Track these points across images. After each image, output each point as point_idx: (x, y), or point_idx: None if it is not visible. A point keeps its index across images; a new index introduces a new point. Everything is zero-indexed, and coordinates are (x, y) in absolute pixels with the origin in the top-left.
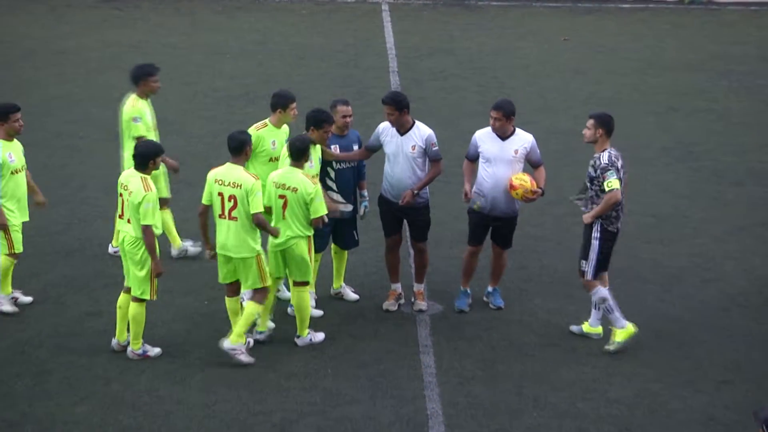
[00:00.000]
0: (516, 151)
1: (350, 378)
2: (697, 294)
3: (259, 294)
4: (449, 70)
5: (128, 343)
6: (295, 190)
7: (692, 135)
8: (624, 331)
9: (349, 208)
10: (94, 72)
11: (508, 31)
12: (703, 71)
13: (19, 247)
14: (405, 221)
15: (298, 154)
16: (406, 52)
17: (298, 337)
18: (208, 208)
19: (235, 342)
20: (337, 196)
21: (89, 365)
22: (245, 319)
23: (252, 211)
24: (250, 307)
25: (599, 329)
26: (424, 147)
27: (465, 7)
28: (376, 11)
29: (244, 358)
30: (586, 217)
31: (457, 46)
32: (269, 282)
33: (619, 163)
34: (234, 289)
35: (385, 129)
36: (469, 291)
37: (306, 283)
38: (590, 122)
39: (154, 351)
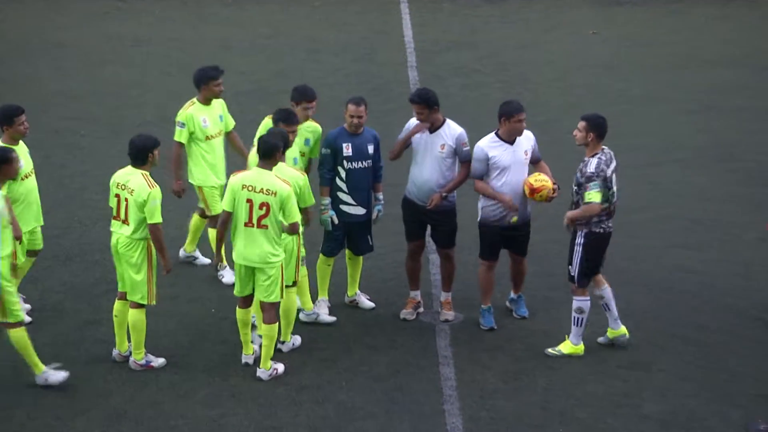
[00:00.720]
0: (526, 153)
1: (365, 391)
2: (733, 303)
3: (270, 312)
4: (471, 66)
5: (130, 353)
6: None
7: (730, 135)
8: (574, 348)
9: (333, 217)
10: (95, 66)
11: (534, 24)
12: (743, 66)
13: (21, 257)
14: (429, 226)
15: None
16: (425, 46)
17: (283, 342)
18: (231, 216)
19: (269, 367)
20: (347, 198)
21: (89, 377)
22: (268, 346)
23: (289, 221)
24: (267, 330)
25: (622, 329)
26: (454, 147)
27: None
28: (394, 2)
29: (281, 368)
30: (566, 217)
31: (480, 40)
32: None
33: (610, 169)
34: (248, 300)
35: (414, 126)
36: (491, 307)
37: (294, 284)
38: (582, 124)
39: (158, 361)
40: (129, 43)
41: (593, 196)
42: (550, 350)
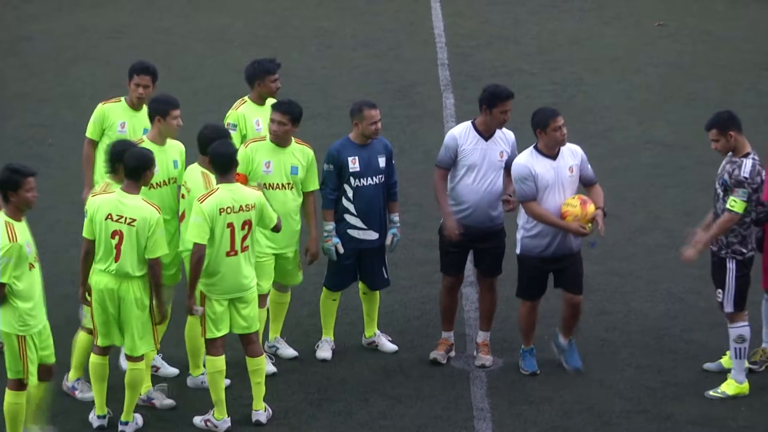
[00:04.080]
0: (571, 170)
1: None
2: None
3: (256, 343)
4: (513, 64)
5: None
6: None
7: None
8: (739, 387)
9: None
10: (67, 64)
11: (590, 14)
12: None
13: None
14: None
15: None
16: (458, 40)
17: (189, 376)
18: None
19: (264, 407)
20: (356, 222)
21: None
22: (260, 383)
23: (273, 224)
24: (256, 365)
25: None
26: (510, 153)
27: None
28: None
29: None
30: (697, 242)
31: (524, 33)
32: None
33: (761, 177)
34: (224, 343)
35: (463, 134)
36: (534, 349)
37: None
38: (713, 133)
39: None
40: (106, 35)
41: (738, 205)
42: (711, 393)
